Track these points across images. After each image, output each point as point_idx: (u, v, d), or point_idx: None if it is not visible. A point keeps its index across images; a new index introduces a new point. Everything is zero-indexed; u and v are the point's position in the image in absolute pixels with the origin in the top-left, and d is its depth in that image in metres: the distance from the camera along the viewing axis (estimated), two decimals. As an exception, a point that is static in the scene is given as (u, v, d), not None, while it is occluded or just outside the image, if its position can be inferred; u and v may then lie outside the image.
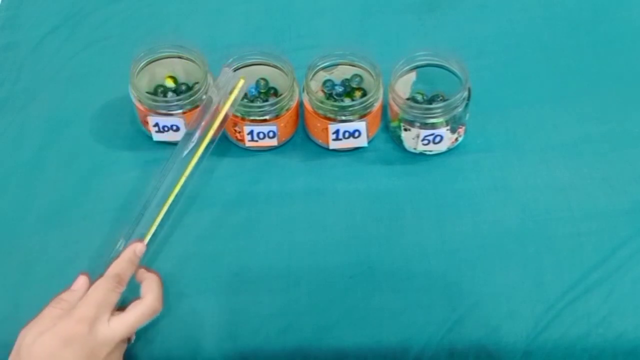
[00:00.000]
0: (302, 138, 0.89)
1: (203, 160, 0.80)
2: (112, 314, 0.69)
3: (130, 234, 0.76)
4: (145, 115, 0.86)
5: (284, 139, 0.88)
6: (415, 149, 0.86)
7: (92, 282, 0.72)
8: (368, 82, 0.87)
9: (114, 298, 0.69)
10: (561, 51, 0.97)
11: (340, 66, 0.88)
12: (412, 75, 0.88)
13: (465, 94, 0.83)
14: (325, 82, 0.88)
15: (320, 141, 0.87)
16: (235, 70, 0.87)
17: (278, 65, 0.87)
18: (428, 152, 0.87)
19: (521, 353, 0.75)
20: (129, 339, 0.72)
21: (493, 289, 0.77)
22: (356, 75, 0.88)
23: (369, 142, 0.87)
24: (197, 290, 0.78)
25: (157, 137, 0.88)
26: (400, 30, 1.00)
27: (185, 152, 0.79)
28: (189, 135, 0.80)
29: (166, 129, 0.86)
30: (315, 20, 1.02)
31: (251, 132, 0.85)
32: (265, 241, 0.81)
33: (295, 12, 1.03)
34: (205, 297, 0.77)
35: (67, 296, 0.70)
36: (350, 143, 0.86)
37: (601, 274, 0.77)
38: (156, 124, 0.86)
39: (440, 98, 0.87)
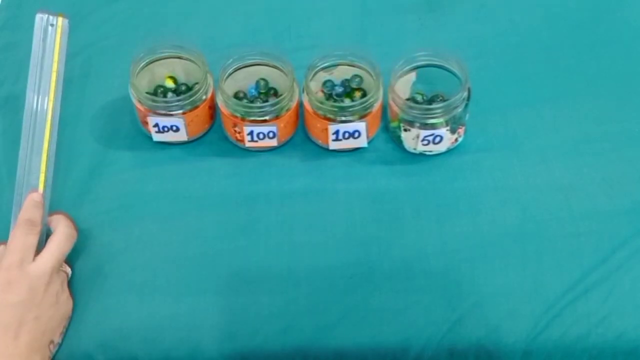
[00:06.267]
0: (302, 138, 0.89)
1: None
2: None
3: (22, 187, 0.78)
4: (145, 116, 0.86)
5: (283, 139, 0.88)
6: (415, 149, 0.86)
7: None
8: (368, 82, 0.87)
9: (33, 239, 0.74)
10: (561, 51, 0.97)
11: (340, 66, 0.88)
12: (412, 76, 0.88)
13: (465, 94, 0.83)
14: (325, 82, 0.88)
15: (320, 142, 0.88)
16: (235, 70, 0.87)
17: (278, 65, 0.87)
18: (428, 153, 0.87)
19: (521, 353, 0.75)
20: (66, 272, 0.77)
21: (493, 289, 0.77)
22: (356, 75, 0.88)
23: (369, 143, 0.87)
24: (196, 290, 0.78)
25: (157, 137, 0.88)
26: (400, 31, 1.00)
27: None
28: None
29: (166, 129, 0.86)
30: (315, 20, 1.02)
31: (251, 133, 0.85)
32: (264, 241, 0.81)
33: (295, 13, 1.03)
34: (205, 297, 0.77)
35: None
36: (350, 143, 0.86)
37: (601, 274, 0.78)
38: (156, 124, 0.86)
39: (440, 98, 0.87)
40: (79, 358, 0.75)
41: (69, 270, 0.78)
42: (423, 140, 0.84)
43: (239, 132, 0.86)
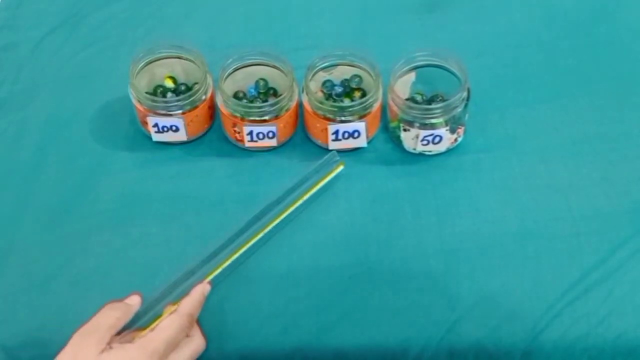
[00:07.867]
0: (301, 138, 0.89)
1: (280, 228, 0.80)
2: None
3: (202, 270, 0.76)
4: (145, 116, 0.86)
5: (283, 139, 0.88)
6: (414, 149, 0.86)
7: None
8: (367, 82, 0.87)
9: (182, 336, 0.70)
10: (560, 51, 0.97)
11: (339, 66, 0.88)
12: (412, 76, 0.88)
13: (465, 94, 0.83)
14: (324, 82, 0.88)
15: (319, 141, 0.88)
16: (235, 70, 0.87)
17: (277, 65, 0.87)
18: (427, 153, 0.87)
19: (520, 353, 0.75)
20: None
21: (492, 289, 0.77)
22: (355, 75, 0.88)
23: (369, 143, 0.87)
24: (196, 290, 0.78)
25: (156, 137, 0.88)
26: (399, 31, 1.00)
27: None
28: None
29: (165, 129, 0.86)
30: (314, 20, 1.02)
31: (251, 133, 0.85)
32: (264, 241, 0.81)
33: (294, 13, 1.03)
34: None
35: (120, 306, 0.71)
36: (350, 143, 0.86)
37: (600, 274, 0.78)
38: (155, 125, 0.86)
39: (440, 98, 0.87)
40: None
41: None
42: (422, 140, 0.84)
43: (239, 132, 0.86)
